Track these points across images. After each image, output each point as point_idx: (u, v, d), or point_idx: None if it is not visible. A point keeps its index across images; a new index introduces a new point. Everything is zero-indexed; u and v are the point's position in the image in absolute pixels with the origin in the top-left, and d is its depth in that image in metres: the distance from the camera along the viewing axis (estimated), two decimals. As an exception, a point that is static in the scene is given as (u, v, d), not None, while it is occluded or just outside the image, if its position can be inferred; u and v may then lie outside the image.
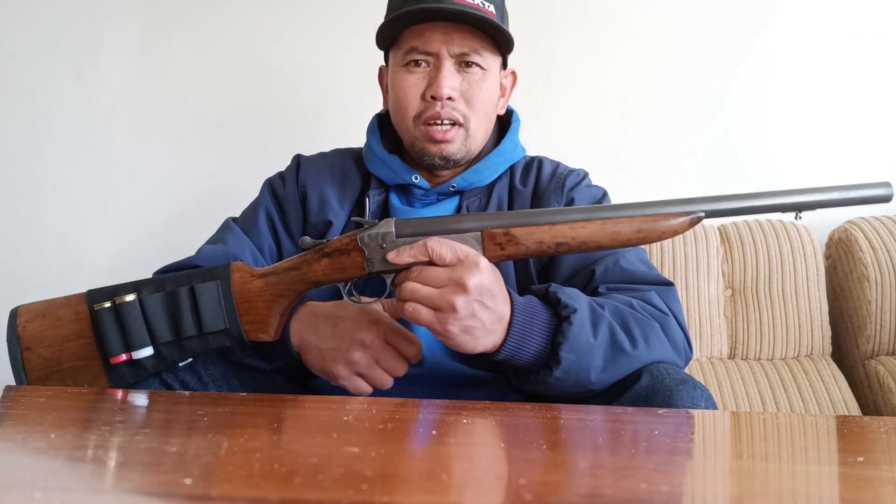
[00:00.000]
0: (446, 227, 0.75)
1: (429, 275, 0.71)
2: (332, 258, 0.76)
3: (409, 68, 0.94)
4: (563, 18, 1.73)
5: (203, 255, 0.94)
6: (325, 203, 1.00)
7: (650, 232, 0.74)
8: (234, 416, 0.62)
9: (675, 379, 0.73)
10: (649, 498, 0.39)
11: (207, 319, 0.75)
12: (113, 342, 0.74)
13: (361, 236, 0.75)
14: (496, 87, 0.98)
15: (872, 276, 1.45)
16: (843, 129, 1.65)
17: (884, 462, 0.50)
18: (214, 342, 0.76)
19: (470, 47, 0.92)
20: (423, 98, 0.94)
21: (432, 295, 0.70)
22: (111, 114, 1.83)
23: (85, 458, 0.46)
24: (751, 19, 1.68)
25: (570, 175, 1.01)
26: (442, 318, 0.70)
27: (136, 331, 0.74)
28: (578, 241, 0.74)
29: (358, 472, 0.42)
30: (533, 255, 0.76)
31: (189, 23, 1.82)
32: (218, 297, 0.75)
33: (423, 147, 0.95)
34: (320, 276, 0.76)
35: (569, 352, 0.73)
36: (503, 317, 0.73)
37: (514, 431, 0.58)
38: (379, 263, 0.75)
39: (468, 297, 0.69)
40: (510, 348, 0.74)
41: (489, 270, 0.71)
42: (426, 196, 0.99)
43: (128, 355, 0.75)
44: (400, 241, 0.74)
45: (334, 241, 0.77)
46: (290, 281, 0.77)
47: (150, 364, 0.76)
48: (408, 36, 0.93)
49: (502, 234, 0.75)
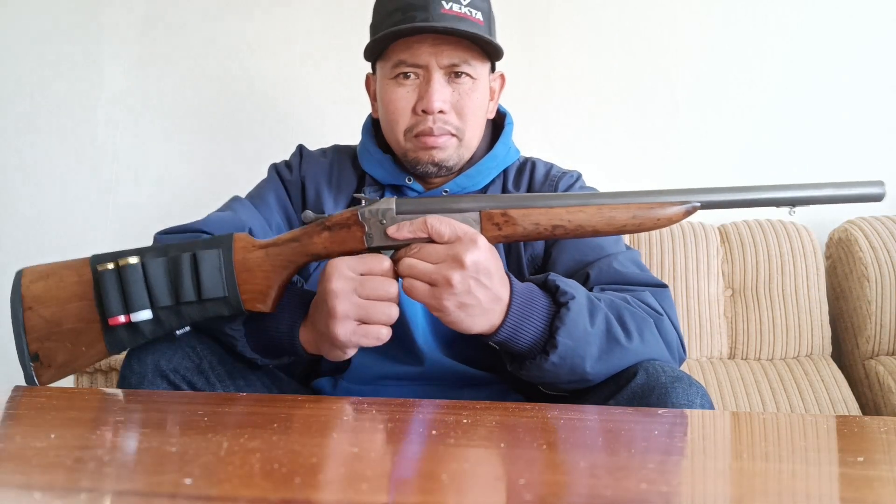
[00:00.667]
0: (446, 206, 0.76)
1: (427, 251, 0.72)
2: (332, 231, 0.77)
3: (399, 80, 0.93)
4: (563, 18, 1.73)
5: (210, 220, 0.93)
6: (320, 197, 1.01)
7: (645, 219, 0.75)
8: (234, 416, 0.62)
9: (671, 376, 0.73)
10: (649, 498, 0.39)
11: (207, 286, 0.75)
12: (113, 303, 0.74)
13: (362, 211, 0.76)
14: (486, 94, 0.98)
15: (872, 276, 1.45)
16: (842, 128, 1.65)
17: (884, 462, 0.50)
18: (212, 310, 0.76)
19: (459, 58, 0.91)
20: (414, 112, 0.93)
21: (429, 270, 0.71)
22: (111, 113, 1.83)
23: (85, 458, 0.46)
24: (751, 19, 1.68)
25: (563, 177, 1.01)
26: (438, 293, 0.70)
27: (137, 293, 0.74)
28: (574, 225, 0.75)
29: (358, 472, 0.42)
30: (529, 236, 0.77)
31: (189, 22, 1.82)
32: (219, 264, 0.76)
33: (415, 156, 0.94)
34: (320, 248, 0.77)
35: (566, 337, 0.73)
36: (500, 297, 0.73)
37: (514, 431, 0.58)
38: (378, 238, 0.76)
39: (464, 272, 0.69)
40: (508, 330, 0.74)
41: (487, 249, 0.72)
42: None
43: (126, 317, 0.75)
44: (400, 217, 0.75)
45: (335, 216, 0.77)
46: (290, 252, 0.77)
47: (147, 329, 0.76)
48: (395, 49, 0.92)
49: (500, 215, 0.75)
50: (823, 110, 1.66)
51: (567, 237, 0.78)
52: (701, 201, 0.76)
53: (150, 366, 0.78)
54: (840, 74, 1.66)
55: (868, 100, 1.65)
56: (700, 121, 1.69)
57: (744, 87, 1.68)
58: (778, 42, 1.68)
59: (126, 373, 0.78)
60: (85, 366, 0.77)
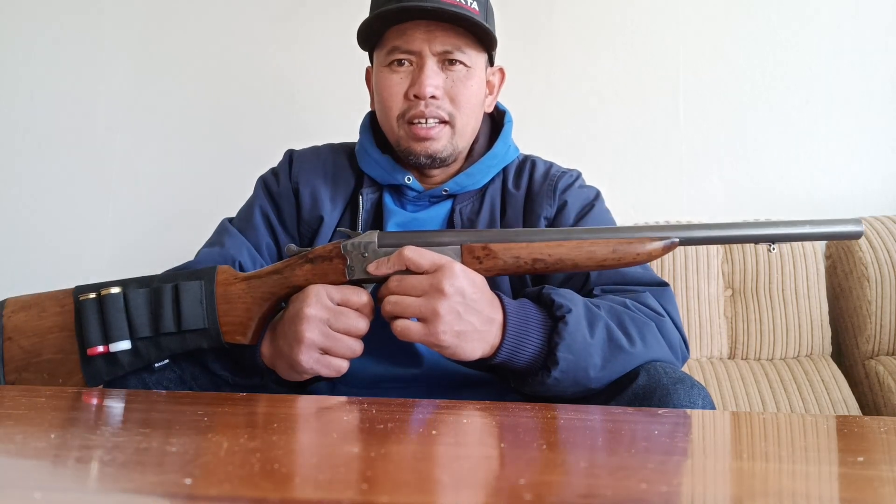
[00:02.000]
0: (427, 240, 0.77)
1: (410, 283, 0.73)
2: (314, 264, 0.78)
3: (393, 68, 0.93)
4: (563, 18, 1.73)
5: (201, 259, 0.93)
6: (317, 200, 0.99)
7: (625, 254, 0.76)
8: (234, 416, 0.62)
9: (673, 378, 0.73)
10: (649, 498, 0.39)
11: (187, 317, 0.75)
12: (92, 332, 0.75)
13: (345, 244, 0.77)
14: (481, 84, 0.97)
15: (872, 276, 1.45)
16: (842, 126, 1.65)
17: (884, 462, 0.50)
18: (192, 342, 0.76)
19: (452, 45, 0.91)
20: (406, 97, 0.93)
21: (416, 304, 0.72)
22: (111, 114, 1.83)
23: (85, 458, 0.46)
24: (751, 19, 1.68)
25: (562, 177, 1.00)
26: (432, 329, 0.71)
27: (117, 322, 0.75)
28: (554, 259, 0.76)
29: (358, 472, 0.42)
30: (510, 270, 0.78)
31: (188, 23, 1.82)
32: (200, 296, 0.76)
33: (408, 146, 0.94)
34: (302, 280, 0.78)
35: (566, 352, 0.73)
36: (493, 318, 0.74)
37: (513, 431, 0.58)
38: (359, 272, 0.77)
39: (449, 300, 0.71)
40: (507, 351, 0.74)
41: (466, 274, 0.73)
42: (418, 199, 0.99)
43: (105, 347, 0.75)
44: (381, 251, 0.76)
45: (318, 248, 0.78)
46: (272, 284, 0.78)
47: (126, 360, 0.76)
48: (390, 36, 0.93)
49: (480, 249, 0.76)
50: (823, 110, 1.66)
51: (548, 272, 0.79)
52: (680, 237, 0.77)
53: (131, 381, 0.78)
54: (842, 69, 1.66)
55: (872, 102, 1.64)
56: (701, 120, 1.69)
57: (746, 86, 1.68)
58: (782, 42, 1.68)
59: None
60: None
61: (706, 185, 1.68)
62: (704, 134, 1.69)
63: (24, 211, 1.84)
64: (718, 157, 1.69)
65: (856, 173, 1.64)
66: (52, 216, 1.83)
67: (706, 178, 1.69)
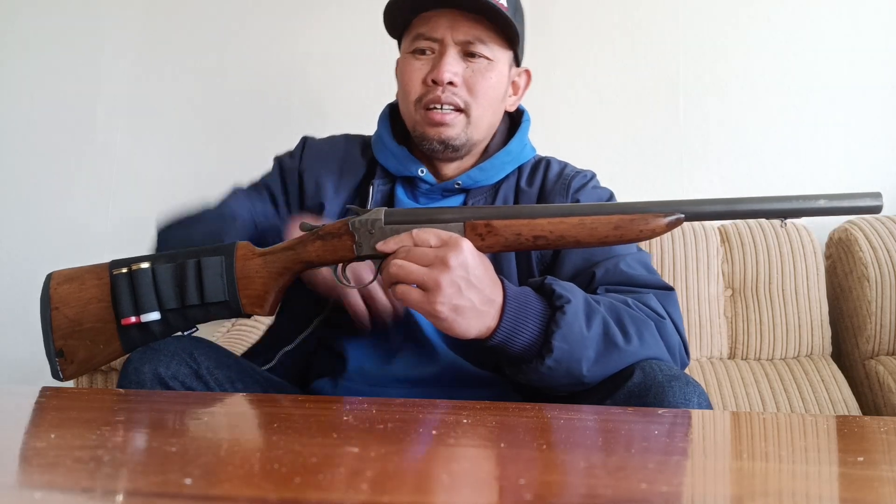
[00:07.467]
0: (432, 218, 0.78)
1: (417, 253, 0.74)
2: (324, 240, 0.80)
3: (416, 55, 0.95)
4: (563, 18, 1.73)
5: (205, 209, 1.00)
6: (320, 187, 1.02)
7: (627, 230, 0.75)
8: (234, 416, 0.62)
9: (668, 375, 0.73)
10: (649, 498, 0.39)
11: (209, 290, 0.80)
12: (125, 305, 0.80)
13: (352, 221, 0.79)
14: (502, 79, 0.98)
15: (872, 276, 1.45)
16: (842, 124, 1.65)
17: (884, 462, 0.50)
18: (215, 312, 0.81)
19: (475, 36, 0.92)
20: (424, 82, 0.94)
21: (419, 272, 0.72)
22: (111, 114, 1.83)
23: (85, 458, 0.46)
24: (751, 19, 1.68)
25: (576, 176, 1.00)
26: (430, 298, 0.72)
27: (146, 296, 0.80)
28: (556, 236, 0.76)
29: (358, 472, 0.42)
30: (512, 247, 0.78)
31: (189, 22, 1.82)
32: (221, 270, 0.80)
33: (423, 131, 0.95)
34: (313, 256, 0.81)
35: (561, 341, 0.73)
36: (493, 300, 0.74)
37: (514, 431, 0.58)
38: (367, 248, 0.79)
39: (452, 273, 0.71)
40: (503, 334, 0.75)
41: (472, 252, 0.73)
42: (431, 192, 0.99)
43: (137, 318, 0.80)
44: (388, 228, 0.78)
45: (328, 226, 0.81)
46: (285, 260, 0.82)
47: (157, 329, 0.81)
48: (417, 23, 0.95)
49: (483, 226, 0.77)
50: (823, 110, 1.66)
51: (549, 248, 0.79)
52: (686, 212, 0.74)
53: (148, 374, 0.79)
54: (844, 77, 1.66)
55: (868, 101, 1.64)
56: (702, 120, 1.69)
57: (746, 85, 1.68)
58: (778, 41, 1.68)
59: (124, 382, 0.79)
60: (103, 363, 0.83)
61: (706, 185, 1.68)
62: (704, 134, 1.69)
63: (24, 210, 1.84)
64: (718, 157, 1.69)
65: (855, 173, 1.64)
66: (52, 216, 1.83)
67: (706, 178, 1.69)
